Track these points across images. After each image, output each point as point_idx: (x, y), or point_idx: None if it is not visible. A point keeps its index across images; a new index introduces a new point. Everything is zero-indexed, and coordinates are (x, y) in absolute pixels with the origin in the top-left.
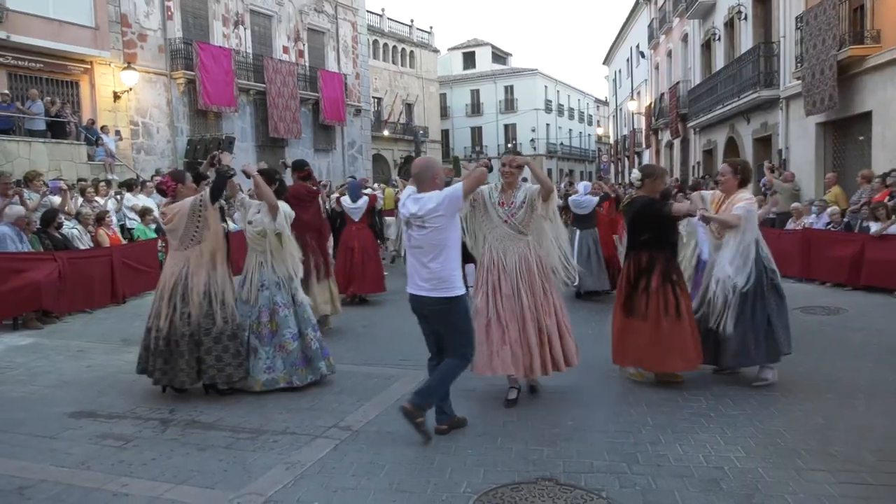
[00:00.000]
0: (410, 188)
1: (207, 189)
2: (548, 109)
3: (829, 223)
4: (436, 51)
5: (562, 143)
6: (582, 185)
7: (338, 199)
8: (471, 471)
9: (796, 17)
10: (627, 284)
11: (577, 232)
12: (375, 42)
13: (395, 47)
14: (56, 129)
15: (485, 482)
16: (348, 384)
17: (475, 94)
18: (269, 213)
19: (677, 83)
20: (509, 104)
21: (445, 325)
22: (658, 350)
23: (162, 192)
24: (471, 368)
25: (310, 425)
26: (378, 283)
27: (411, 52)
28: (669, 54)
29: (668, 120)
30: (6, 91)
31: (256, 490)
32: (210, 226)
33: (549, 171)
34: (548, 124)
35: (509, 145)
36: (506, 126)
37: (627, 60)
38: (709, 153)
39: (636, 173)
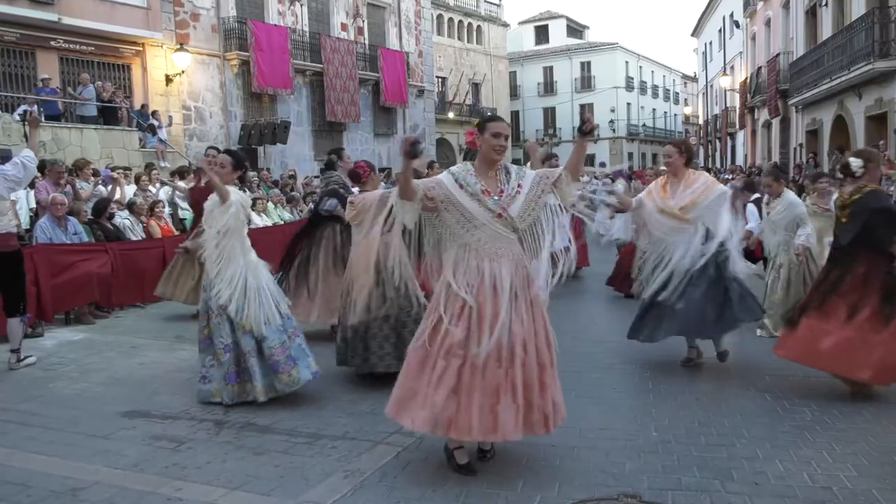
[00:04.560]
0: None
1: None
2: (629, 87)
3: None
4: (505, 25)
5: (644, 124)
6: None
7: None
8: (545, 484)
9: None
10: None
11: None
12: (440, 17)
13: (460, 22)
14: (107, 115)
15: (560, 496)
16: None
17: (548, 71)
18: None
19: (777, 55)
20: (586, 82)
21: None
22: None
23: (357, 179)
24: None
25: (370, 430)
26: None
27: (478, 26)
28: (768, 23)
29: (765, 97)
30: (47, 76)
31: (314, 499)
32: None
33: (632, 154)
34: (629, 103)
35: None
36: (581, 106)
37: (719, 31)
38: (813, 133)
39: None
